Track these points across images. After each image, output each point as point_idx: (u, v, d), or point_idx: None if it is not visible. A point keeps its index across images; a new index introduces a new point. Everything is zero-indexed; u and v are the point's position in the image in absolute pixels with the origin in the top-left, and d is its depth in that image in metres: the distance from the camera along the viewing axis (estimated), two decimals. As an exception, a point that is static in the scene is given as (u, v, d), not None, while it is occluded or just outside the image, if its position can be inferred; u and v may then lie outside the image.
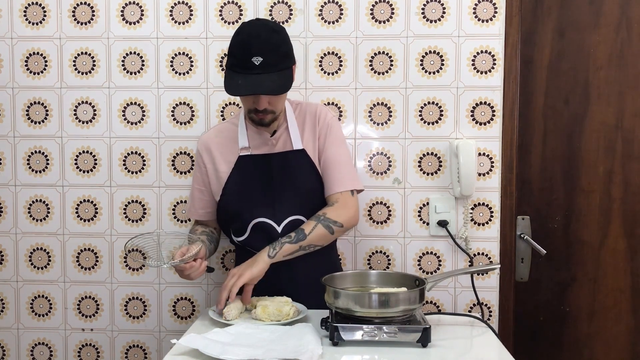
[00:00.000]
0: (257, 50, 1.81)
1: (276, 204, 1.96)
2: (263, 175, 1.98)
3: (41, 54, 2.35)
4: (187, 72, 2.33)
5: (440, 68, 2.28)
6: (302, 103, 2.09)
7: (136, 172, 2.36)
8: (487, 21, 2.26)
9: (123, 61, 2.34)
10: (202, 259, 1.90)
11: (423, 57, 2.28)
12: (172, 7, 2.32)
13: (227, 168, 2.01)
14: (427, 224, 2.31)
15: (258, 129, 2.00)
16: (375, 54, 2.28)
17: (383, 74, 2.29)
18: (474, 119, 2.28)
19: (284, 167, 1.98)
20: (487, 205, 2.30)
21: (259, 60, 1.81)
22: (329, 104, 2.31)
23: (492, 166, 2.29)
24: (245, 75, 1.82)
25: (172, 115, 2.34)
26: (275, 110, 1.93)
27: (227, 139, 2.04)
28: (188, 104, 2.33)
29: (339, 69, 2.29)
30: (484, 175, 2.29)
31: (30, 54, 2.36)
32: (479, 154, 2.28)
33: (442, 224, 2.27)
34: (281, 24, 2.28)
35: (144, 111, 2.35)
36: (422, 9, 2.27)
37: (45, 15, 2.35)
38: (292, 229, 1.94)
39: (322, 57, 2.29)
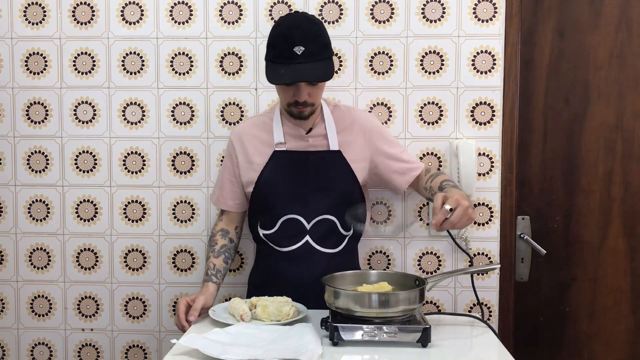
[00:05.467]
0: (299, 40, 1.84)
1: (309, 202, 1.98)
2: (298, 171, 2.00)
3: (41, 54, 2.35)
4: (187, 72, 2.33)
5: (440, 68, 2.28)
6: (341, 106, 2.12)
7: (136, 172, 2.36)
8: (487, 21, 2.26)
9: (123, 61, 2.34)
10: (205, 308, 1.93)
11: (423, 57, 2.28)
12: (172, 7, 2.32)
13: (261, 160, 2.02)
14: (427, 224, 2.31)
15: (296, 123, 2.01)
16: (375, 54, 2.28)
17: (383, 74, 2.29)
18: (474, 119, 2.28)
19: (320, 166, 2.00)
20: (487, 205, 2.30)
21: (301, 50, 1.83)
22: (329, 104, 2.31)
23: (492, 166, 2.29)
24: (287, 65, 1.84)
25: (172, 115, 2.34)
26: (315, 103, 1.94)
27: (262, 132, 2.06)
28: (188, 104, 2.33)
29: (339, 69, 2.29)
30: (484, 175, 2.29)
31: (30, 54, 2.36)
32: (479, 154, 2.28)
33: (442, 224, 2.27)
34: (281, 24, 2.29)
35: (144, 111, 2.35)
36: (422, 9, 2.27)
37: (45, 15, 2.35)
38: (321, 227, 1.99)
39: (322, 57, 2.29)
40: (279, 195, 2.00)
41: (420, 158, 2.29)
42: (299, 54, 1.83)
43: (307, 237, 2.00)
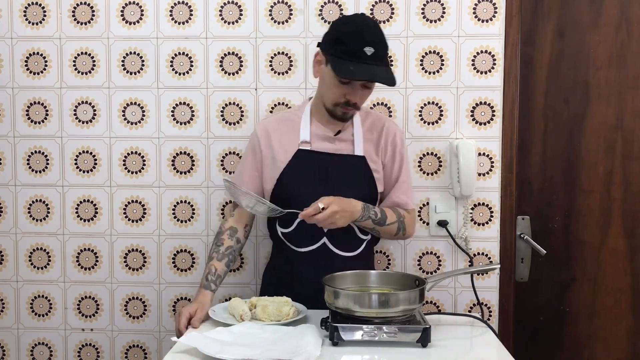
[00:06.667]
0: (370, 41, 1.84)
1: None
2: (320, 172, 1.99)
3: (41, 54, 2.35)
4: (187, 72, 2.33)
5: (440, 68, 2.28)
6: (372, 113, 2.12)
7: (136, 172, 2.36)
8: (487, 21, 2.26)
9: (123, 61, 2.34)
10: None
11: (423, 57, 2.28)
12: (172, 7, 2.32)
13: (285, 158, 2.01)
14: (427, 224, 2.31)
15: (326, 124, 2.00)
16: (375, 54, 2.28)
17: (383, 74, 2.29)
18: (474, 119, 2.28)
19: (342, 170, 1.99)
20: (487, 205, 2.30)
21: (371, 51, 1.83)
22: (329, 104, 2.30)
23: (492, 166, 2.29)
24: (356, 63, 1.83)
25: (172, 115, 2.34)
26: (360, 106, 1.96)
27: (289, 128, 2.04)
28: (188, 104, 2.33)
29: (339, 69, 2.29)
30: (484, 175, 2.29)
31: (30, 54, 2.36)
32: (479, 154, 2.28)
33: (442, 224, 2.27)
34: (280, 24, 2.29)
35: (144, 111, 2.35)
36: (422, 9, 2.27)
37: (45, 15, 2.35)
38: (339, 230, 1.94)
39: (322, 57, 2.29)
40: (298, 194, 1.96)
41: (420, 158, 2.30)
42: (369, 55, 1.83)
43: (325, 239, 1.99)
